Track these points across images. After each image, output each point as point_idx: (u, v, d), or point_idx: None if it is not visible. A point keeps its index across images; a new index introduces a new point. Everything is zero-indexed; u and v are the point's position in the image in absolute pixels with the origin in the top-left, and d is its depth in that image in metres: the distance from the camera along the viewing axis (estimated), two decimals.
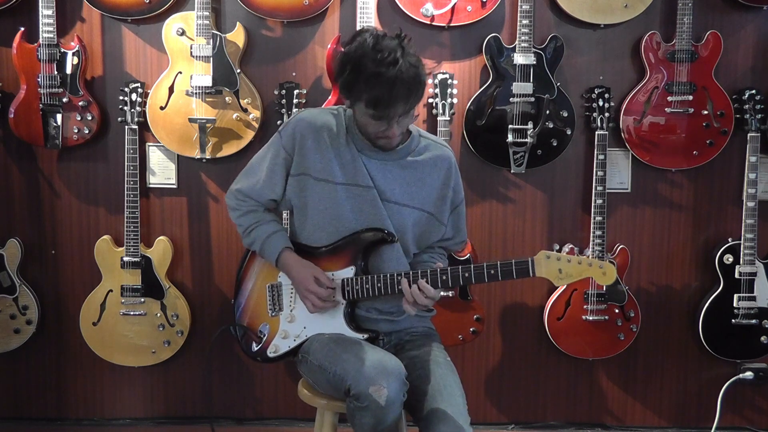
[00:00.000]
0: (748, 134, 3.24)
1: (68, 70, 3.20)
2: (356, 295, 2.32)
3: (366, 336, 2.32)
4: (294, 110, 3.20)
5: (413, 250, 2.44)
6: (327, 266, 2.35)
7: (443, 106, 3.18)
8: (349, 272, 2.34)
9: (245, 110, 3.23)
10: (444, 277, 2.26)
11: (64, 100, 3.21)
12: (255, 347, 2.44)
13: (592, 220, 3.26)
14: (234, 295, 2.51)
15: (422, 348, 2.33)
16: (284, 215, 2.96)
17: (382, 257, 2.35)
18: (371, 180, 2.33)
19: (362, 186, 2.33)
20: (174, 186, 3.39)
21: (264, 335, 2.42)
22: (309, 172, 2.34)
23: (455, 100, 3.20)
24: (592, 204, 3.25)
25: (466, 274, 2.25)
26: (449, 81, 3.19)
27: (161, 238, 3.34)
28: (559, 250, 2.22)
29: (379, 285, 2.29)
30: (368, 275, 2.31)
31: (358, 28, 3.14)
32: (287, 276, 2.39)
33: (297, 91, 3.21)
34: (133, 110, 3.20)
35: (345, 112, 2.38)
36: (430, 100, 3.23)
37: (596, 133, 3.25)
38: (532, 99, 3.22)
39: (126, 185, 3.21)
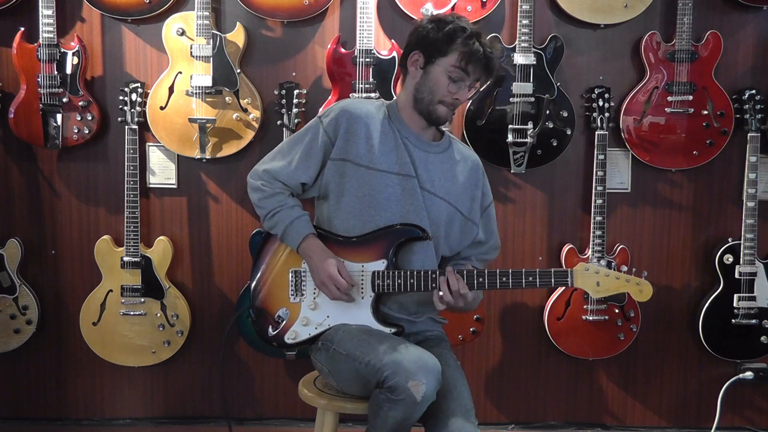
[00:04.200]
0: (748, 134, 3.24)
1: (68, 70, 3.20)
2: (386, 289, 2.30)
3: (393, 330, 2.31)
4: (294, 110, 3.20)
5: (443, 250, 2.42)
6: (357, 257, 2.33)
7: None
8: (380, 265, 2.31)
9: (245, 110, 3.23)
10: (480, 279, 2.26)
11: (64, 100, 3.20)
12: (272, 332, 2.38)
13: (592, 220, 3.26)
14: (250, 279, 2.44)
15: (434, 349, 2.31)
16: None
17: (413, 255, 2.35)
18: (413, 168, 2.34)
19: (403, 174, 2.33)
20: (174, 186, 3.39)
21: (282, 320, 2.37)
22: (350, 157, 2.33)
23: None
24: (592, 204, 3.25)
25: (504, 279, 2.26)
26: None
27: (161, 238, 3.34)
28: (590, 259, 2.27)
29: (411, 281, 2.28)
30: (400, 270, 2.30)
31: (358, 28, 3.14)
32: (307, 261, 2.35)
33: (297, 91, 3.21)
34: (133, 110, 3.20)
35: (384, 104, 2.42)
36: None
37: (596, 133, 3.25)
38: (532, 99, 3.21)
39: (126, 185, 3.21)
